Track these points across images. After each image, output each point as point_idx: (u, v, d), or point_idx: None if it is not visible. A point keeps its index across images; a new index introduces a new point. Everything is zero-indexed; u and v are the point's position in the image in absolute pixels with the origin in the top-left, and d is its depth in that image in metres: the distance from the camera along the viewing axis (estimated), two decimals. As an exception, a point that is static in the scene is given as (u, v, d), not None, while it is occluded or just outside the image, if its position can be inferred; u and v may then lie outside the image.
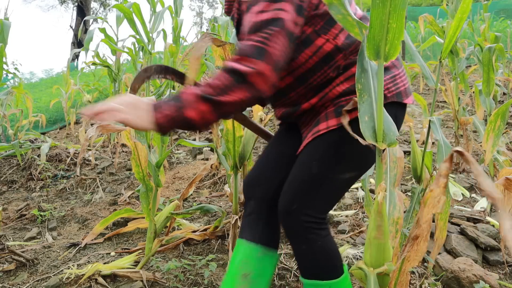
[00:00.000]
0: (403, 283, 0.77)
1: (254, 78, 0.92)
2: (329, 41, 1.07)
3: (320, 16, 1.06)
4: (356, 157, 1.08)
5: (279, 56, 0.95)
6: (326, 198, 1.09)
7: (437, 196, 0.70)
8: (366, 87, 0.87)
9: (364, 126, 0.84)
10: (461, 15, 1.32)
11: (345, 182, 1.11)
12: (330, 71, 1.11)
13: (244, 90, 0.93)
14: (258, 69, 0.91)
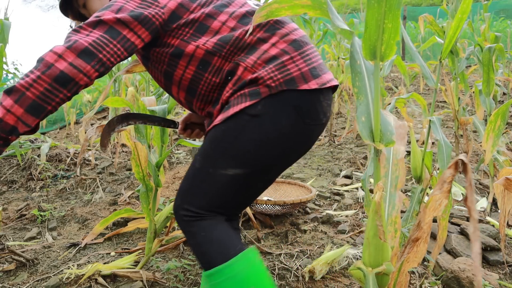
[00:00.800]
0: (402, 283, 0.77)
1: (47, 56, 0.93)
2: (199, 47, 1.07)
3: (187, 25, 1.09)
4: (240, 154, 1.01)
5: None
6: (207, 193, 1.03)
7: (438, 200, 0.70)
8: (362, 89, 0.87)
9: (361, 126, 0.85)
10: (461, 15, 1.32)
11: (230, 178, 1.02)
12: (212, 77, 1.09)
13: (38, 66, 0.93)
14: (54, 50, 0.94)
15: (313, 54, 1.11)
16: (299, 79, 1.03)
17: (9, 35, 2.62)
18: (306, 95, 1.04)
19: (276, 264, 1.86)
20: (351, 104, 5.67)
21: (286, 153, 1.07)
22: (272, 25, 1.10)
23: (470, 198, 0.60)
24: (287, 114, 1.02)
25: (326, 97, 1.08)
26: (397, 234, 0.93)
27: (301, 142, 1.08)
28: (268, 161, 1.04)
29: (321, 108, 1.07)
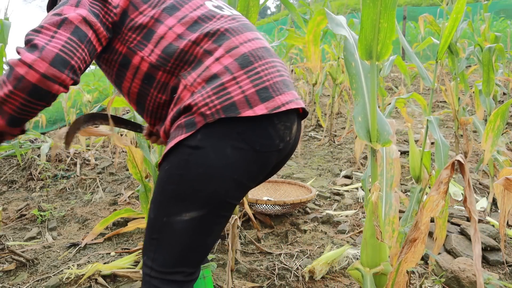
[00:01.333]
0: (400, 283, 0.77)
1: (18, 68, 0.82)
2: (144, 59, 0.94)
3: (135, 31, 0.95)
4: (190, 194, 0.88)
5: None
6: (168, 247, 0.90)
7: (436, 201, 0.71)
8: (359, 90, 0.87)
9: (358, 126, 0.85)
10: (456, 15, 1.32)
11: (187, 224, 0.88)
12: (157, 93, 0.97)
13: (7, 79, 0.83)
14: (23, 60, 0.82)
15: (267, 71, 0.93)
16: (242, 104, 0.87)
17: (9, 35, 2.62)
18: (253, 121, 0.88)
19: (276, 264, 1.86)
20: (351, 104, 5.67)
21: (240, 183, 0.91)
22: (223, 34, 0.94)
23: (469, 199, 0.60)
24: (232, 141, 0.87)
25: (282, 118, 0.92)
26: (395, 234, 0.93)
27: (255, 171, 0.93)
28: (222, 196, 0.89)
29: (276, 132, 0.91)
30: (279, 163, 1.05)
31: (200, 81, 0.89)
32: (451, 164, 0.64)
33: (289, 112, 0.94)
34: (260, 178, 0.99)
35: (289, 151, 1.02)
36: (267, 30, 11.58)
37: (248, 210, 2.11)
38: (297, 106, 0.95)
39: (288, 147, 0.99)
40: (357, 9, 12.24)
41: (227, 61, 0.90)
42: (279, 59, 1.02)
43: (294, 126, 0.97)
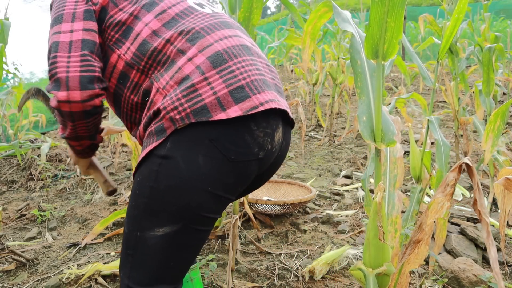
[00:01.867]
0: (402, 284, 0.77)
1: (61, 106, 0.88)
2: (120, 57, 0.92)
3: (114, 28, 0.93)
4: (161, 208, 0.82)
5: None
6: (143, 264, 0.84)
7: (441, 202, 0.70)
8: (364, 89, 0.86)
9: (362, 126, 0.84)
10: (457, 15, 1.32)
11: (161, 240, 0.82)
12: (130, 94, 0.93)
13: (64, 118, 0.93)
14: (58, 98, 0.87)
15: (243, 69, 0.85)
16: (214, 106, 0.80)
17: (9, 35, 2.62)
18: (226, 126, 0.80)
19: (276, 264, 1.86)
20: (351, 104, 5.67)
21: (216, 196, 0.83)
22: (197, 32, 0.88)
23: (480, 201, 0.59)
24: (203, 150, 0.80)
25: (261, 124, 0.83)
26: (397, 234, 0.93)
27: (231, 182, 0.84)
28: (196, 210, 0.82)
29: (254, 139, 0.83)
30: (265, 174, 0.98)
31: (172, 84, 0.84)
32: (458, 167, 0.63)
33: (269, 117, 0.85)
34: (239, 190, 0.89)
35: (274, 161, 0.95)
36: (267, 30, 11.58)
37: (248, 210, 2.11)
38: (278, 107, 0.86)
39: (272, 156, 0.91)
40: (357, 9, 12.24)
41: (199, 60, 0.84)
42: (264, 59, 0.95)
43: (277, 133, 0.89)
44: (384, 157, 1.08)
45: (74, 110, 0.87)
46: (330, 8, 1.00)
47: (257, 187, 1.04)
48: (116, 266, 1.81)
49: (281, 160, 0.99)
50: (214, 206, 0.85)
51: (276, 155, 0.93)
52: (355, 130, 4.43)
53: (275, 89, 0.91)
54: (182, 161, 0.80)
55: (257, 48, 0.98)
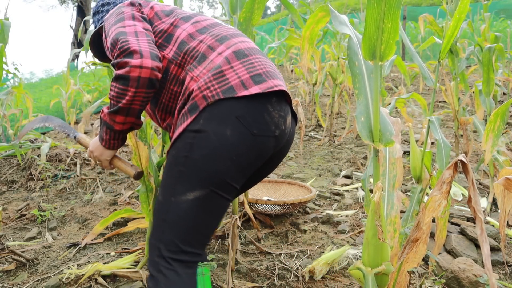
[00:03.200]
0: (401, 283, 0.77)
1: (132, 73, 1.02)
2: (165, 57, 1.11)
3: (157, 35, 1.15)
4: (194, 174, 0.96)
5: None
6: (175, 227, 0.97)
7: (438, 200, 0.70)
8: (362, 89, 0.87)
9: (360, 126, 0.84)
10: (459, 15, 1.32)
11: (192, 204, 0.96)
12: (170, 85, 1.11)
13: (125, 85, 1.04)
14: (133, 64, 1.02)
15: (260, 63, 1.06)
16: (238, 87, 0.99)
17: (9, 35, 2.62)
18: (250, 103, 0.98)
19: (276, 264, 1.86)
20: (351, 104, 5.67)
21: (239, 165, 0.99)
22: (225, 36, 1.10)
23: (474, 199, 0.59)
24: (231, 125, 0.96)
25: (276, 107, 1.02)
26: (396, 234, 0.93)
27: (253, 154, 1.00)
28: (223, 176, 0.97)
29: (271, 118, 1.01)
30: (275, 156, 1.16)
31: (205, 72, 1.03)
32: (454, 164, 0.64)
33: (282, 102, 1.05)
34: (257, 164, 1.04)
35: (285, 144, 1.12)
36: (267, 30, 11.57)
37: (248, 210, 2.11)
38: (283, 89, 1.05)
39: (284, 137, 1.08)
40: (357, 9, 12.24)
41: (227, 53, 1.05)
42: (270, 61, 1.15)
43: (288, 117, 1.08)
44: (383, 157, 1.09)
45: (143, 76, 1.02)
46: (328, 12, 1.01)
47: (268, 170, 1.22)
48: (116, 266, 1.81)
49: (288, 145, 1.16)
50: (237, 175, 1.00)
51: (287, 138, 1.11)
52: (355, 130, 4.44)
53: (283, 83, 1.10)
54: (213, 133, 0.96)
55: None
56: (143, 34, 1.09)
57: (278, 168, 3.63)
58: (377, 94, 0.84)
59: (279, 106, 1.03)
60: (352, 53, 0.89)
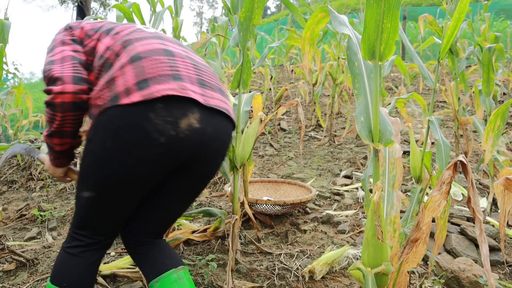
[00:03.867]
0: (401, 283, 0.77)
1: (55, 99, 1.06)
2: (93, 75, 1.14)
3: (87, 54, 1.17)
4: (85, 178, 1.07)
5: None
6: (77, 215, 1.12)
7: (437, 201, 0.70)
8: (362, 89, 0.87)
9: (360, 126, 0.84)
10: (459, 15, 1.32)
11: (86, 201, 1.07)
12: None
13: (53, 110, 1.09)
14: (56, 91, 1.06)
15: (155, 66, 1.02)
16: (122, 94, 0.97)
17: (9, 35, 2.62)
18: (130, 112, 0.96)
19: (276, 264, 1.86)
20: (351, 104, 5.67)
21: (123, 176, 1.02)
22: (131, 41, 1.09)
23: (473, 199, 0.59)
24: (112, 134, 0.98)
25: (161, 113, 0.97)
26: (396, 234, 0.93)
27: (138, 165, 1.01)
28: (108, 184, 1.03)
29: (153, 126, 0.96)
30: (197, 164, 1.11)
31: (103, 81, 1.04)
32: (454, 165, 0.64)
33: (171, 107, 0.98)
34: (153, 174, 1.05)
35: (199, 148, 1.06)
36: (267, 30, 11.58)
37: (248, 210, 2.11)
38: (182, 95, 0.98)
39: (183, 142, 1.01)
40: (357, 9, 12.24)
41: (124, 59, 1.04)
42: (192, 60, 1.12)
43: (184, 120, 1.00)
44: (383, 157, 1.09)
45: (66, 100, 1.06)
46: (327, 13, 1.01)
47: (205, 168, 1.16)
48: (116, 266, 1.81)
49: (208, 150, 1.10)
50: (122, 185, 1.04)
51: (196, 143, 1.04)
52: (355, 130, 4.43)
53: (198, 83, 1.07)
54: (97, 143, 1.02)
55: (188, 53, 1.16)
56: (69, 58, 1.11)
57: (278, 168, 3.63)
58: (376, 94, 0.84)
59: (166, 111, 0.97)
60: (352, 53, 0.88)
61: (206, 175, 1.18)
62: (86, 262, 1.11)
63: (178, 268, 1.17)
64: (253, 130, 1.73)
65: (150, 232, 1.22)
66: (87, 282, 1.11)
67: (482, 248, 0.53)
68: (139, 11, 2.92)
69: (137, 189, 1.07)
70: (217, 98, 1.11)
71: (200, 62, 1.17)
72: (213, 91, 1.11)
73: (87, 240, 1.11)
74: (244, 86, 1.76)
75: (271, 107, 5.82)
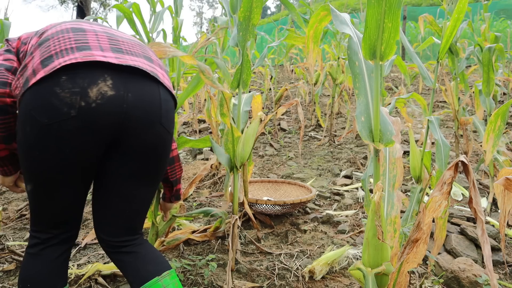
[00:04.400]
0: (401, 283, 0.77)
1: None
2: None
3: (22, 59, 1.14)
4: (23, 170, 1.04)
5: None
6: (30, 212, 1.11)
7: (438, 201, 0.70)
8: (362, 89, 0.87)
9: (360, 126, 0.84)
10: (457, 15, 1.32)
11: (30, 195, 1.06)
12: None
13: None
14: None
15: (60, 42, 0.99)
16: (31, 76, 0.95)
17: (9, 35, 2.62)
18: (37, 91, 0.94)
19: (276, 264, 1.86)
20: (351, 104, 5.67)
21: (47, 159, 0.98)
22: (47, 30, 1.10)
23: (475, 199, 0.59)
24: (28, 119, 0.96)
25: (67, 85, 0.93)
26: (396, 234, 0.93)
27: (58, 144, 0.96)
28: (39, 172, 1.00)
29: (60, 100, 0.92)
30: (120, 133, 1.02)
31: (19, 69, 1.03)
32: (455, 165, 0.63)
33: (76, 77, 0.94)
34: (77, 153, 0.99)
35: (125, 119, 0.99)
36: (267, 30, 11.58)
37: (248, 210, 2.11)
38: (83, 60, 0.94)
39: (98, 110, 0.95)
40: (357, 9, 12.24)
41: (34, 44, 1.05)
42: (104, 35, 1.07)
43: (93, 88, 0.94)
44: (383, 157, 1.08)
45: None
46: (329, 11, 1.01)
47: (138, 141, 1.06)
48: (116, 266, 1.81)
49: (150, 111, 1.03)
50: (49, 169, 1.00)
51: (120, 108, 0.98)
52: (355, 130, 4.44)
53: (111, 50, 1.02)
54: (20, 132, 1.00)
55: (113, 32, 1.12)
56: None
57: (278, 168, 3.63)
58: (377, 94, 0.84)
59: (71, 83, 0.93)
60: (353, 53, 0.88)
61: (145, 149, 1.07)
62: (48, 259, 1.08)
63: (163, 275, 1.11)
64: (253, 130, 1.73)
65: (120, 228, 1.14)
66: (56, 280, 1.09)
67: (484, 249, 0.53)
68: (139, 11, 2.93)
69: (70, 172, 1.01)
70: (139, 61, 1.03)
71: (125, 38, 1.12)
72: (135, 56, 1.05)
73: (43, 236, 1.09)
74: (244, 86, 1.75)
75: (271, 107, 5.82)
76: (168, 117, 1.09)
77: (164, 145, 1.11)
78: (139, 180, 1.11)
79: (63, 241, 1.12)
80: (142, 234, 1.22)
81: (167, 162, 1.22)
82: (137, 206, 1.15)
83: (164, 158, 1.15)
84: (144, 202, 1.17)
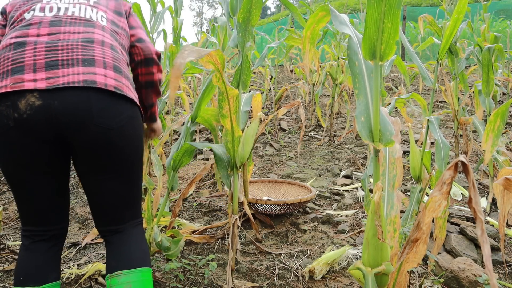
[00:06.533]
0: (401, 283, 0.77)
1: None
2: None
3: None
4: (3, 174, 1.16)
5: None
6: None
7: (438, 201, 0.70)
8: (362, 89, 0.87)
9: (360, 126, 0.84)
10: (457, 15, 1.32)
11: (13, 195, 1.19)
12: None
13: None
14: None
15: (2, 63, 1.11)
16: None
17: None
18: None
19: (276, 264, 1.86)
20: (351, 104, 5.67)
21: (10, 165, 1.12)
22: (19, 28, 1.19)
23: (475, 199, 0.59)
24: None
25: (3, 101, 1.05)
26: (396, 234, 0.93)
27: (9, 151, 1.09)
28: (8, 177, 1.14)
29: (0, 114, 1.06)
30: (65, 135, 1.09)
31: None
32: (454, 165, 0.64)
33: (8, 94, 1.05)
34: (18, 155, 1.09)
35: (46, 122, 1.06)
36: (267, 30, 11.57)
37: (248, 210, 2.11)
38: (11, 90, 1.05)
39: (33, 119, 1.05)
40: (357, 9, 12.24)
41: None
42: (42, 45, 1.12)
43: (22, 101, 1.04)
44: (383, 157, 1.09)
45: None
46: (328, 12, 1.01)
47: (81, 143, 1.12)
48: (116, 266, 1.81)
49: (79, 115, 1.08)
50: (12, 172, 1.13)
51: (49, 115, 1.06)
52: (355, 130, 4.44)
53: (45, 67, 1.08)
54: None
55: (52, 28, 1.17)
56: None
57: (278, 168, 3.63)
58: (377, 94, 0.84)
59: (5, 98, 1.06)
60: (352, 53, 0.89)
61: (89, 147, 1.12)
62: (39, 252, 1.17)
63: (113, 274, 1.16)
64: (253, 130, 1.74)
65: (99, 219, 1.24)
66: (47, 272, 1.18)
67: (484, 249, 0.53)
68: (139, 11, 2.93)
69: (30, 172, 1.12)
70: (73, 71, 1.09)
71: (71, 37, 1.16)
72: (70, 67, 1.10)
73: (31, 233, 1.18)
74: (243, 86, 1.76)
75: (271, 107, 5.82)
76: (104, 116, 1.10)
77: (109, 141, 1.13)
78: (100, 174, 1.17)
79: (52, 237, 1.21)
80: (131, 224, 1.25)
81: (130, 153, 1.20)
82: (108, 198, 1.20)
83: (117, 152, 1.16)
84: (118, 195, 1.20)
